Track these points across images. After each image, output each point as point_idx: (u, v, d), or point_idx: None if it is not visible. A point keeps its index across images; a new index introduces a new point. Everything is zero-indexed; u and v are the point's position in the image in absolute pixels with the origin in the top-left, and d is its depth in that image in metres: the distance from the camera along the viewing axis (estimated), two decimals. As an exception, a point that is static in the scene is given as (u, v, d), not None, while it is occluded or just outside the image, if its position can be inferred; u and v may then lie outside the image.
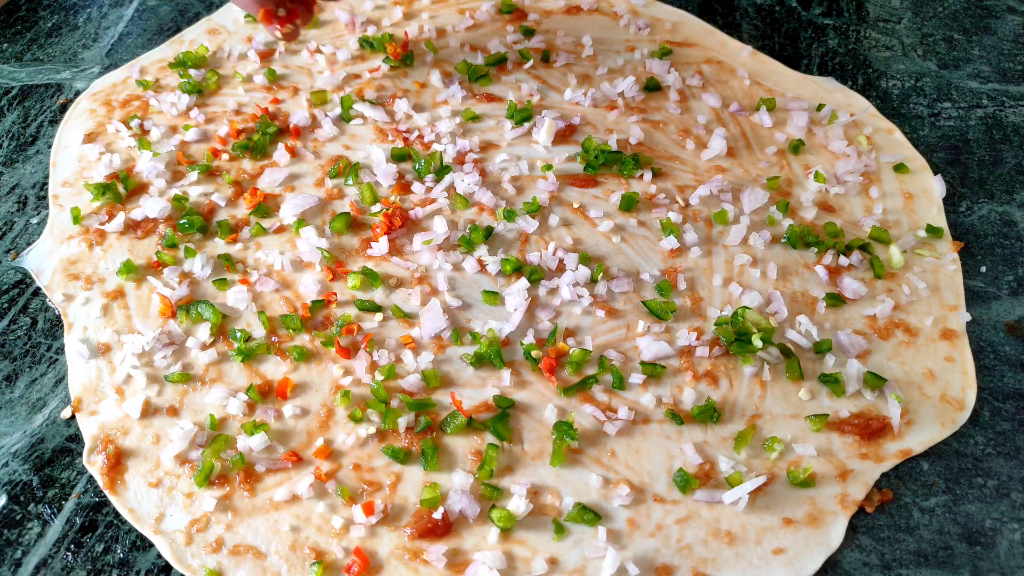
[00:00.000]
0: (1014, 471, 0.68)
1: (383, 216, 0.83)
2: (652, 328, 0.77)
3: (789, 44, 1.05)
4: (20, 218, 0.89)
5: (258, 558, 0.64)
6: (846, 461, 0.68)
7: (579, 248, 0.83)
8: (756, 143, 0.93)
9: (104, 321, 0.78)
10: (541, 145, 0.92)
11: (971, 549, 0.64)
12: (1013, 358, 0.75)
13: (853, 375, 0.72)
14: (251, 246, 0.84)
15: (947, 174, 0.90)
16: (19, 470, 0.70)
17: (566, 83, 0.99)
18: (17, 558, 0.65)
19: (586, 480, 0.67)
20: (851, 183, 0.88)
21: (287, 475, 0.68)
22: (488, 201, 0.86)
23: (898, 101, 0.98)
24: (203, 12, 1.11)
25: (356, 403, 0.72)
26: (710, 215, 0.85)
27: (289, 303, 0.79)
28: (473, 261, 0.81)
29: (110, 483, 0.68)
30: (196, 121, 0.96)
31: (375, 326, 0.77)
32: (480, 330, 0.76)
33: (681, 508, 0.66)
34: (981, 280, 0.81)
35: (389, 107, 0.97)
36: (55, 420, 0.73)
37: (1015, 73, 1.01)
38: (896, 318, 0.78)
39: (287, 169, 0.90)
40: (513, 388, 0.73)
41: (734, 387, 0.73)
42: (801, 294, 0.79)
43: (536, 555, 0.64)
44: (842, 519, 0.65)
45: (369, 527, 0.65)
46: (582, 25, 1.07)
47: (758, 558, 0.63)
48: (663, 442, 0.70)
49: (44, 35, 1.09)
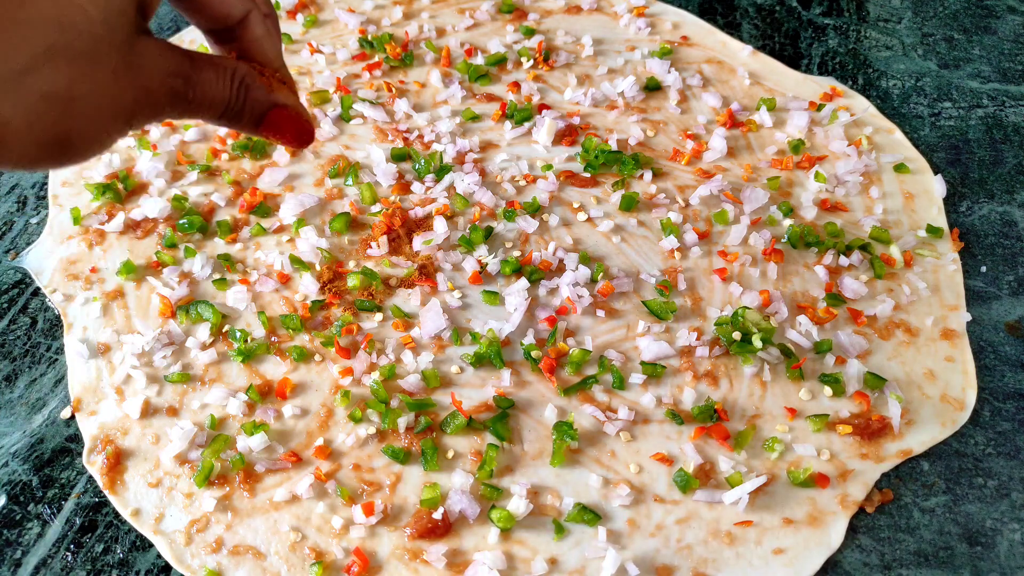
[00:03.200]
0: (1014, 471, 0.68)
1: (383, 216, 0.83)
2: (652, 328, 0.77)
3: (789, 44, 1.05)
4: (20, 218, 0.89)
5: (258, 558, 0.64)
6: (846, 461, 0.68)
7: (579, 248, 0.83)
8: (756, 143, 0.93)
9: (104, 321, 0.78)
10: (541, 145, 0.92)
11: (971, 549, 0.64)
12: (1013, 358, 0.75)
13: (853, 375, 0.72)
14: (251, 246, 0.84)
15: (947, 174, 0.90)
16: (19, 470, 0.70)
17: (566, 83, 0.99)
18: (17, 558, 0.65)
19: (586, 480, 0.67)
20: (851, 183, 0.88)
21: (287, 475, 0.68)
22: (488, 201, 0.86)
23: (898, 101, 0.98)
24: (203, 12, 1.11)
25: (356, 403, 0.72)
26: (710, 215, 0.85)
27: (289, 303, 0.79)
28: (473, 261, 0.81)
29: (110, 483, 0.68)
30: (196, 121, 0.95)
31: (375, 326, 0.77)
32: (480, 330, 0.76)
33: (681, 508, 0.66)
34: (981, 280, 0.81)
35: (389, 107, 0.97)
36: (55, 420, 0.73)
37: (1015, 73, 1.01)
38: (896, 318, 0.78)
39: (287, 169, 0.90)
40: (513, 388, 0.73)
41: (734, 387, 0.73)
42: (801, 294, 0.79)
43: (536, 555, 0.64)
44: (842, 519, 0.65)
45: (369, 527, 0.65)
46: (582, 25, 1.07)
47: (758, 558, 0.63)
48: (663, 442, 0.70)
49: (44, 35, 1.09)
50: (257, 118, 0.46)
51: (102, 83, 0.38)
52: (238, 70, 0.45)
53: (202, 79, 0.43)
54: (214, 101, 0.44)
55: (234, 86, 0.44)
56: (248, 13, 0.46)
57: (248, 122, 0.46)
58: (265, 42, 0.47)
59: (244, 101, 0.45)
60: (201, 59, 0.43)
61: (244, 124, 0.46)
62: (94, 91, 0.37)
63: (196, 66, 0.43)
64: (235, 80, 0.44)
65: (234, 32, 0.46)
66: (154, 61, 0.40)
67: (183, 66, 0.42)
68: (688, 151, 0.92)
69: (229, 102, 0.44)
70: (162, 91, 0.41)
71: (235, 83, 0.44)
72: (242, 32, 0.46)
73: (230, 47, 0.47)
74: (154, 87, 0.41)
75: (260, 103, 0.46)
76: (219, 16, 0.45)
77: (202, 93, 0.43)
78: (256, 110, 0.46)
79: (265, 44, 0.47)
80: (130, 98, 0.39)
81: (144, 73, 0.40)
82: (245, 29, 0.46)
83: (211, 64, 0.43)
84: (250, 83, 0.45)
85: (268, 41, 0.47)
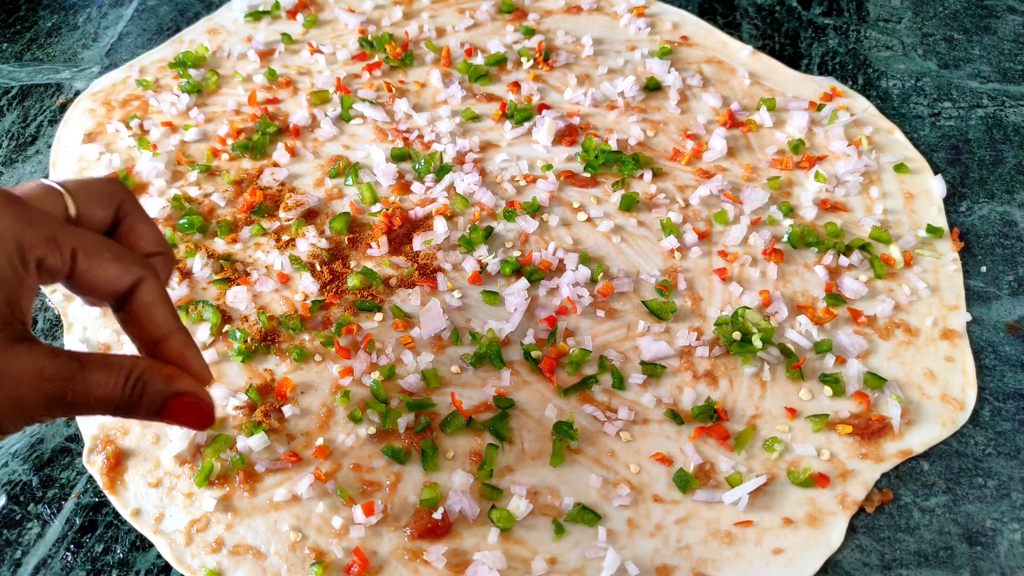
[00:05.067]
0: (1014, 471, 0.68)
1: (383, 216, 0.83)
2: (652, 328, 0.77)
3: (789, 44, 1.05)
4: (20, 218, 0.88)
5: (258, 558, 0.64)
6: (846, 461, 0.68)
7: (579, 248, 0.83)
8: (756, 143, 0.93)
9: (104, 321, 0.78)
10: (541, 145, 0.92)
11: (971, 549, 0.64)
12: (1013, 358, 0.75)
13: (853, 375, 0.72)
14: (251, 246, 0.84)
15: (947, 174, 0.90)
16: (19, 470, 0.70)
17: (566, 83, 0.99)
18: (17, 558, 0.65)
19: (586, 480, 0.67)
20: (851, 183, 0.88)
21: (287, 475, 0.68)
22: (488, 201, 0.86)
23: (898, 101, 0.98)
24: (203, 12, 1.11)
25: (356, 403, 0.72)
26: (710, 215, 0.85)
27: (289, 303, 0.79)
28: (473, 261, 0.81)
29: (110, 483, 0.68)
30: (196, 121, 0.96)
31: (375, 326, 0.77)
32: (480, 330, 0.76)
33: (681, 508, 0.66)
34: (981, 280, 0.81)
35: (389, 107, 0.97)
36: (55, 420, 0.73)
37: (1015, 73, 1.01)
38: (896, 318, 0.78)
39: (287, 169, 0.90)
40: (513, 388, 0.73)
41: (734, 387, 0.73)
42: (801, 294, 0.79)
43: (536, 555, 0.64)
44: (842, 519, 0.65)
45: (369, 527, 0.65)
46: (582, 25, 1.07)
47: (758, 558, 0.63)
48: (663, 442, 0.70)
49: (44, 35, 1.09)
50: (157, 409, 0.46)
51: None
52: (134, 369, 0.45)
53: (89, 380, 0.43)
54: (102, 400, 0.44)
55: (128, 384, 0.45)
56: (138, 281, 0.46)
57: (147, 413, 0.46)
58: (156, 310, 0.47)
59: (141, 396, 0.45)
60: (93, 361, 0.44)
61: (143, 415, 0.46)
62: None
63: (85, 367, 0.43)
64: (129, 379, 0.45)
65: (126, 302, 0.47)
66: (25, 369, 0.41)
67: (67, 370, 0.42)
68: (688, 151, 0.92)
69: (120, 400, 0.45)
70: (34, 397, 0.42)
71: (129, 382, 0.45)
72: (132, 302, 0.47)
73: (123, 316, 0.48)
74: (22, 394, 0.41)
75: (159, 394, 0.46)
76: (107, 290, 0.46)
77: (86, 394, 0.43)
78: (155, 402, 0.46)
79: (155, 312, 0.47)
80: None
81: (11, 381, 0.41)
82: (135, 298, 0.46)
83: (103, 365, 0.44)
84: (148, 378, 0.46)
85: (159, 309, 0.47)
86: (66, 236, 0.43)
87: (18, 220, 0.41)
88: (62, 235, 0.43)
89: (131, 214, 0.50)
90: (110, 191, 0.49)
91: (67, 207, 0.47)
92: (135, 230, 0.51)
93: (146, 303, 0.47)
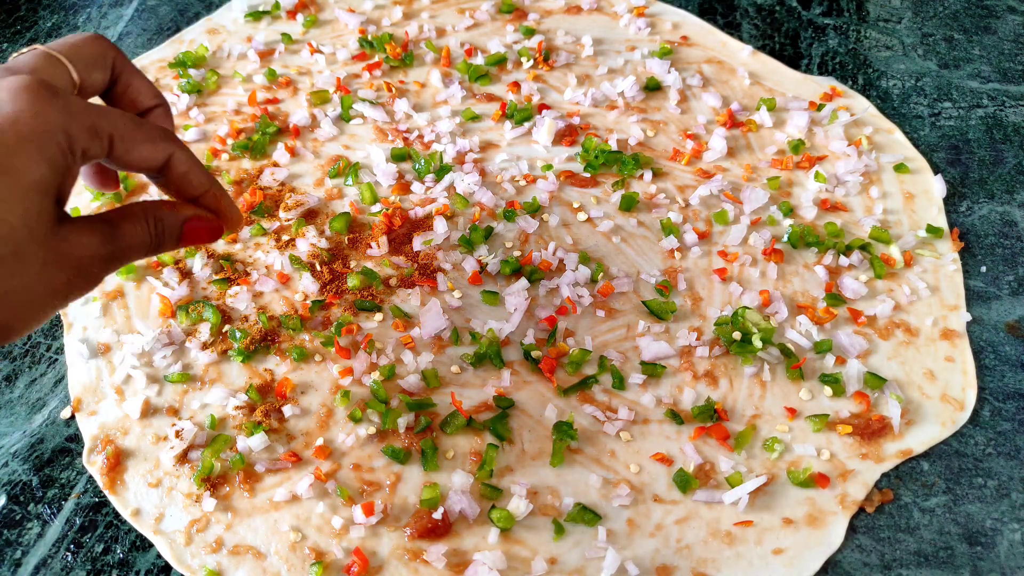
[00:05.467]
0: (1014, 471, 0.68)
1: (383, 216, 0.83)
2: (652, 328, 0.77)
3: (789, 44, 1.05)
4: (20, 218, 0.88)
5: (258, 558, 0.64)
6: (846, 461, 0.68)
7: (579, 248, 0.83)
8: (756, 143, 0.93)
9: (104, 321, 0.78)
10: (541, 145, 0.92)
11: (971, 549, 0.64)
12: (1013, 358, 0.75)
13: (853, 375, 0.72)
14: (251, 246, 0.84)
15: (947, 174, 0.90)
16: (19, 470, 0.70)
17: (566, 83, 0.99)
18: (17, 558, 0.65)
19: (586, 480, 0.67)
20: (851, 183, 0.88)
21: (287, 475, 0.68)
22: (488, 201, 0.86)
23: (898, 101, 0.98)
24: (203, 12, 1.11)
25: (356, 403, 0.72)
26: (710, 215, 0.85)
27: (289, 303, 0.79)
28: (473, 261, 0.81)
29: (110, 483, 0.68)
30: (196, 121, 0.96)
31: (375, 326, 0.77)
32: (480, 330, 0.76)
33: (681, 508, 0.66)
34: (981, 280, 0.81)
35: (389, 107, 0.97)
36: (55, 420, 0.73)
37: (1015, 73, 1.01)
38: (896, 318, 0.78)
39: (287, 169, 0.90)
40: (513, 388, 0.73)
41: (734, 387, 0.73)
42: (801, 294, 0.79)
43: (536, 555, 0.64)
44: (842, 519, 0.65)
45: (369, 527, 0.65)
46: (582, 25, 1.07)
47: (758, 558, 0.63)
48: (663, 442, 0.70)
49: (44, 35, 1.09)
50: (176, 237, 0.52)
51: (33, 275, 0.43)
52: (148, 210, 0.50)
53: (123, 235, 0.49)
54: (141, 246, 0.50)
55: (150, 226, 0.50)
56: (170, 156, 0.50)
57: (170, 244, 0.52)
58: (191, 175, 0.52)
59: (163, 232, 0.51)
60: (116, 217, 0.49)
61: (167, 247, 0.52)
62: (26, 283, 0.43)
63: (115, 225, 0.48)
64: (149, 221, 0.50)
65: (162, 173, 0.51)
66: (79, 241, 0.46)
67: (105, 232, 0.48)
68: (688, 151, 0.92)
69: (151, 241, 0.50)
70: (93, 263, 0.47)
71: (150, 223, 0.50)
72: (168, 173, 0.51)
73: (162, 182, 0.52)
74: (84, 263, 0.46)
75: (175, 225, 0.52)
76: (144, 168, 0.50)
77: (128, 247, 0.49)
78: (174, 232, 0.52)
79: (191, 177, 0.52)
80: (63, 279, 0.45)
81: (73, 254, 0.46)
82: (170, 170, 0.51)
83: (126, 217, 0.49)
84: (161, 215, 0.51)
85: (193, 173, 0.52)
86: (103, 123, 0.46)
87: (63, 112, 0.44)
88: (100, 123, 0.46)
89: (125, 71, 0.54)
90: (102, 51, 0.52)
91: (71, 75, 0.50)
92: (132, 86, 0.55)
93: (181, 173, 0.51)
